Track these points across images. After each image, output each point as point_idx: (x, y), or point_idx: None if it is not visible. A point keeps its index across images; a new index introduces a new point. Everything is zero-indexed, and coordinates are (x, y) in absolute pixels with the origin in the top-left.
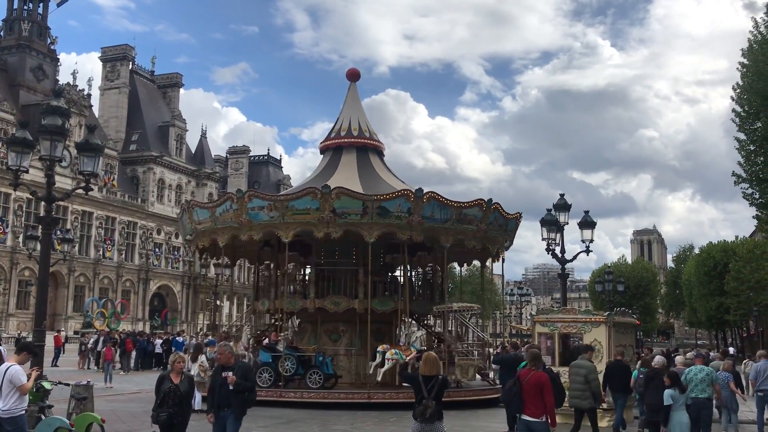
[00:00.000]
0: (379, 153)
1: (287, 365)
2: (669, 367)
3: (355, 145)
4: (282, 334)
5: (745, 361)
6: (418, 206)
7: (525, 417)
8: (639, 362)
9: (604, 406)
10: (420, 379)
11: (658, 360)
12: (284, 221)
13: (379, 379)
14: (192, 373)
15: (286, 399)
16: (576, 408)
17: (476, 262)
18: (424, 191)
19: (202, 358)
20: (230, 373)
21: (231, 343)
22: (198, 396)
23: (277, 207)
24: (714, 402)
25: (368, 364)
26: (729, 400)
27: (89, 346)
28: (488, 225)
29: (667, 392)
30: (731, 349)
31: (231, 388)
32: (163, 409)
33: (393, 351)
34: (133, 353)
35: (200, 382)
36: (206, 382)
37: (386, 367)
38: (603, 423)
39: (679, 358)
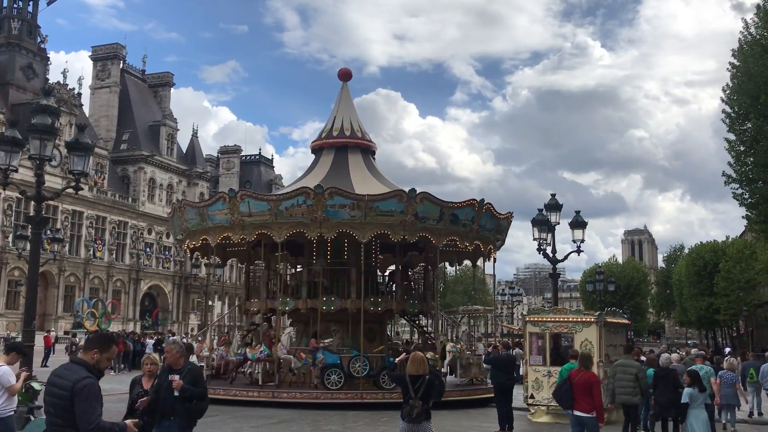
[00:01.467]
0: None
1: (358, 366)
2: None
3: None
4: (326, 341)
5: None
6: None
7: (576, 413)
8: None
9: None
10: (407, 379)
11: (664, 359)
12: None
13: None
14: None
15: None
16: (625, 404)
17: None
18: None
19: (193, 358)
20: (177, 377)
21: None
22: None
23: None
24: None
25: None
26: (732, 398)
27: (80, 345)
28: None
29: (687, 391)
30: (727, 350)
31: (176, 393)
32: (130, 416)
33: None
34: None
35: None
36: None
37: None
38: None
39: (664, 356)
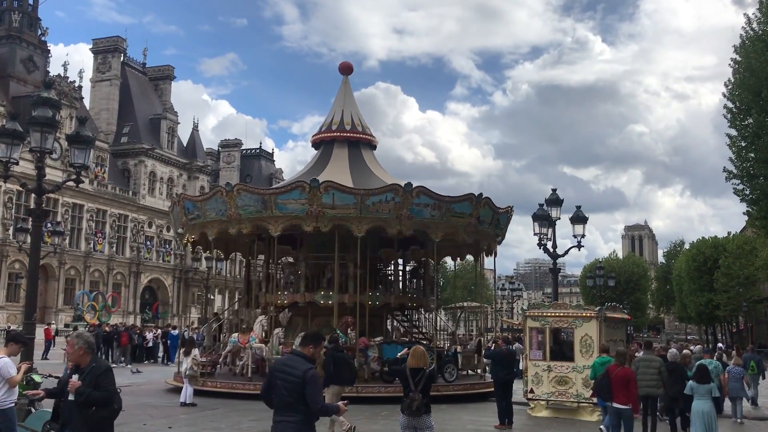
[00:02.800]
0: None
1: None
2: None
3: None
4: (376, 340)
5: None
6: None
7: (615, 405)
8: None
9: (595, 400)
10: (407, 372)
11: (672, 353)
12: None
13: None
14: (184, 367)
15: None
16: (648, 395)
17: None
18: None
19: (195, 351)
20: (75, 377)
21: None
22: (190, 390)
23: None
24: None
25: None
26: (738, 391)
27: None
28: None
29: (689, 383)
30: (720, 345)
31: (71, 397)
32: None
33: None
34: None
35: (192, 376)
36: (198, 375)
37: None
38: (593, 417)
39: (672, 351)
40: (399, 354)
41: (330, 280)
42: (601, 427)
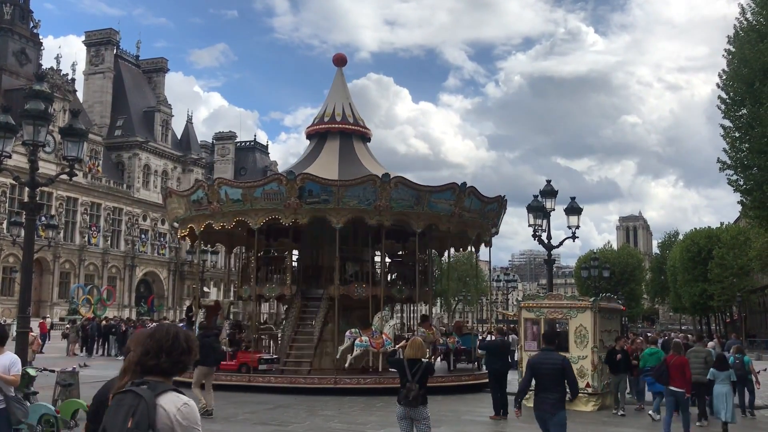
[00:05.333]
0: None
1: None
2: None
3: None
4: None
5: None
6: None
7: (672, 388)
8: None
9: (589, 390)
10: (405, 363)
11: (711, 346)
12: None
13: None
14: None
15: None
16: (696, 382)
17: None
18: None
19: None
20: None
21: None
22: None
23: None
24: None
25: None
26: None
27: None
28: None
29: (711, 370)
30: (710, 343)
31: None
32: None
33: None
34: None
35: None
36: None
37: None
38: (588, 407)
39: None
40: (397, 346)
41: (319, 272)
42: (650, 413)
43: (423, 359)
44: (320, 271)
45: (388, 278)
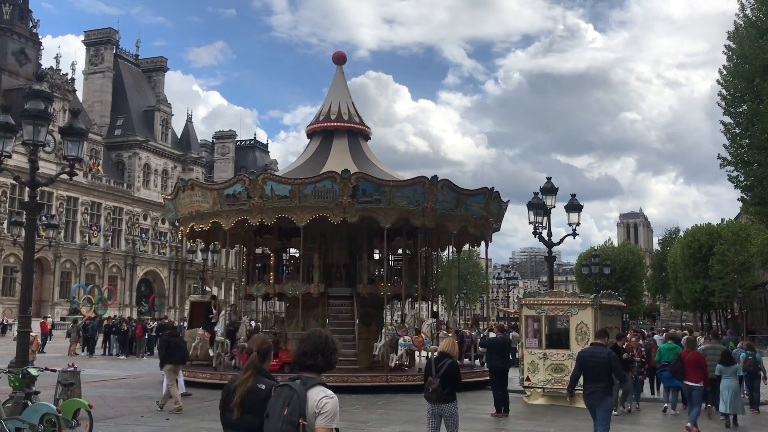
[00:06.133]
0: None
1: None
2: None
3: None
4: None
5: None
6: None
7: (687, 382)
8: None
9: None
10: (432, 360)
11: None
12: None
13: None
14: None
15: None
16: (713, 378)
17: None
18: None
19: None
20: None
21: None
22: (181, 379)
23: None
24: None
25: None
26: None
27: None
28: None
29: (718, 366)
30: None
31: None
32: None
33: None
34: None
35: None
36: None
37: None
38: (582, 404)
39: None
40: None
41: (328, 270)
42: (666, 405)
43: (450, 357)
44: (330, 269)
45: (400, 277)
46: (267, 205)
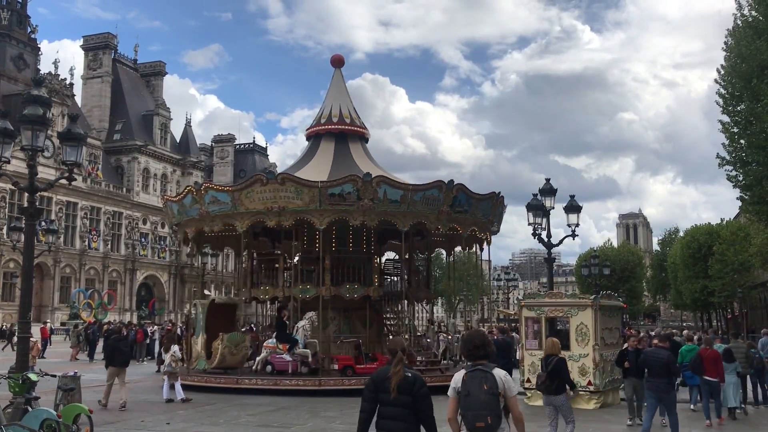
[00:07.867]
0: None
1: None
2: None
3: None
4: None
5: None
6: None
7: (706, 377)
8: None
9: (591, 388)
10: (543, 359)
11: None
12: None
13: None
14: (165, 363)
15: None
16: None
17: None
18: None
19: (175, 348)
20: None
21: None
22: (166, 385)
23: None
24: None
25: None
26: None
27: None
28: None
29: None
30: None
31: None
32: None
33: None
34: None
35: (171, 372)
36: (177, 371)
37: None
38: (590, 405)
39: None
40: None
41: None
42: (691, 406)
43: (556, 355)
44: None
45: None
46: (378, 208)
